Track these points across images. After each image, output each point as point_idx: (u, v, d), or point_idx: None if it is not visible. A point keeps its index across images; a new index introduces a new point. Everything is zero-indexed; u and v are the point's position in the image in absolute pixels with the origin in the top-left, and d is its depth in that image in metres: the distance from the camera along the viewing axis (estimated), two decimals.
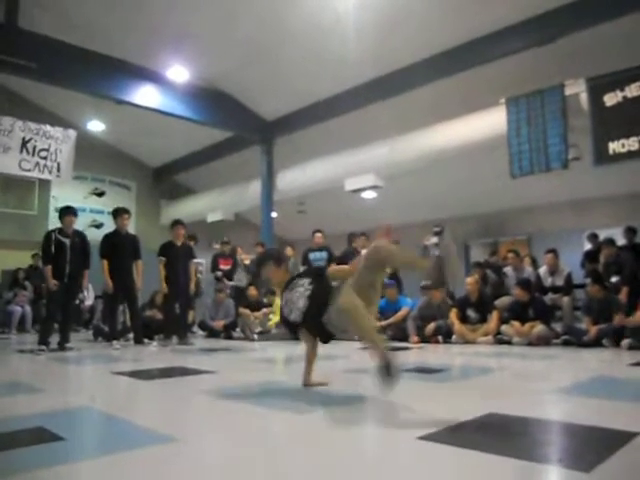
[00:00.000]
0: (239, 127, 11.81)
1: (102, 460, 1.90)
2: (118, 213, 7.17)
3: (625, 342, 5.55)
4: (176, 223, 7.68)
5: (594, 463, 1.71)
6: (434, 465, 1.81)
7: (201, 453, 1.95)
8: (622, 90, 6.98)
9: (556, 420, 2.49)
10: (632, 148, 6.79)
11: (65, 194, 12.74)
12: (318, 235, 8.80)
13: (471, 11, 7.78)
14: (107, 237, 7.05)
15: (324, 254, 8.69)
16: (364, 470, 1.78)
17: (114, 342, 6.70)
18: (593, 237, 8.61)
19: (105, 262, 6.81)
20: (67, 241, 6.39)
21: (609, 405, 2.78)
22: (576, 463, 1.76)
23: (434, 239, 9.65)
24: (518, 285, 6.76)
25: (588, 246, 8.80)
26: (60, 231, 6.47)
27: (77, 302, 9.56)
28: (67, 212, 6.59)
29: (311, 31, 8.64)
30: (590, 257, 7.96)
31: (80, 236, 6.64)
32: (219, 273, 9.58)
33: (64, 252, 6.33)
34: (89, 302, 10.87)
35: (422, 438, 2.04)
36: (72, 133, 9.43)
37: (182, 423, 2.47)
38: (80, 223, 13.39)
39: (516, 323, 6.44)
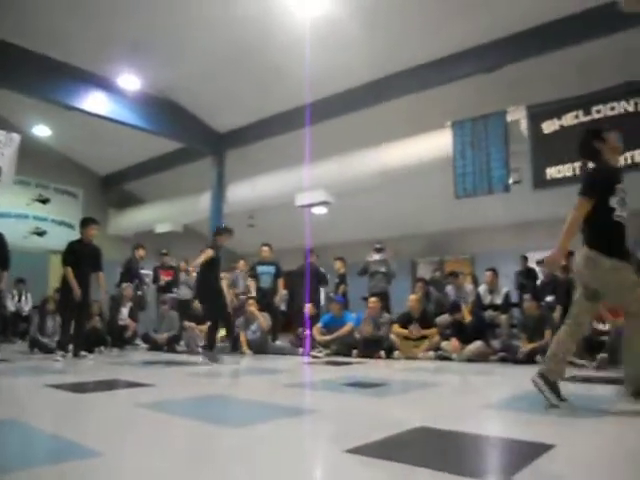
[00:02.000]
0: (191, 139, 11.72)
1: (24, 474, 1.85)
2: (86, 223, 7.04)
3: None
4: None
5: (510, 474, 1.80)
6: (356, 478, 1.85)
7: (123, 467, 1.93)
8: (559, 119, 7.35)
9: (482, 434, 2.59)
10: (567, 174, 7.15)
11: (6, 200, 12.27)
12: (265, 249, 8.85)
13: (418, 38, 8.06)
14: (71, 245, 6.86)
15: (272, 268, 8.72)
16: None
17: (58, 352, 6.42)
18: (523, 259, 9.05)
19: (69, 269, 6.60)
20: None
21: (532, 419, 2.91)
22: (492, 475, 1.85)
23: (376, 256, 9.94)
24: (448, 310, 7.07)
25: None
26: None
27: (11, 310, 9.24)
28: None
29: (267, 47, 8.70)
30: (523, 276, 8.32)
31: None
32: (161, 283, 9.50)
33: None
34: (25, 311, 10.47)
35: (350, 451, 2.09)
36: (16, 137, 9.17)
37: (111, 437, 2.43)
38: (22, 230, 13.03)
39: (454, 340, 6.62)
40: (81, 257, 6.73)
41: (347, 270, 9.34)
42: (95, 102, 10.07)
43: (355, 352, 7.14)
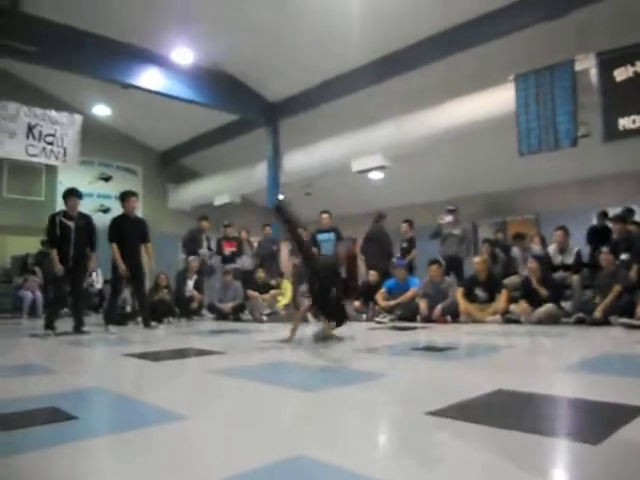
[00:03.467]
0: (244, 109, 11.75)
1: (114, 437, 1.93)
2: (126, 196, 7.08)
3: None
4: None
5: (602, 436, 1.72)
6: (442, 439, 1.82)
7: (210, 431, 1.98)
8: (633, 65, 6.85)
9: (564, 396, 2.49)
10: None
11: (72, 179, 12.70)
12: (324, 216, 8.79)
13: None
14: (115, 220, 6.95)
15: (332, 235, 8.69)
16: (377, 445, 1.80)
17: (110, 327, 6.55)
18: (602, 215, 8.54)
19: (114, 245, 6.72)
20: (72, 224, 6.32)
21: (617, 381, 2.78)
22: (584, 436, 1.77)
23: (448, 218, 9.66)
24: (533, 258, 6.71)
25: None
26: (64, 214, 6.41)
27: (85, 286, 9.62)
28: (71, 194, 6.51)
29: (316, 11, 8.53)
30: (598, 232, 7.91)
31: (85, 219, 6.57)
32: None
33: (69, 235, 6.26)
34: (98, 286, 10.95)
35: (431, 414, 2.06)
36: (78, 118, 9.43)
37: (192, 402, 2.49)
38: (87, 208, 13.39)
39: (523, 302, 6.42)
40: (126, 231, 6.79)
41: (414, 234, 9.12)
42: (150, 78, 10.23)
43: (419, 317, 7.08)
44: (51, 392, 2.69)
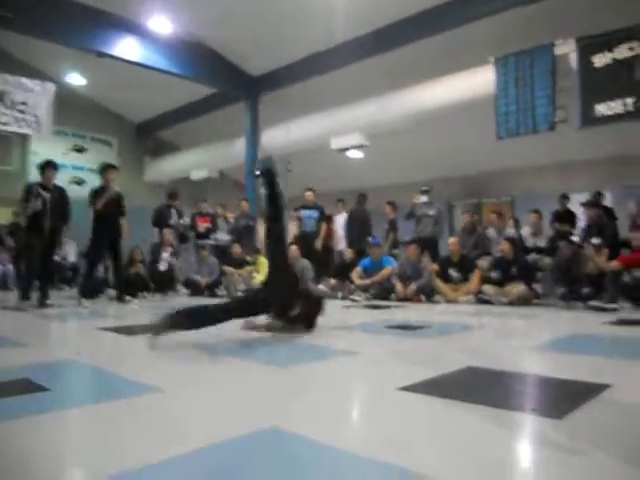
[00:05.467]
0: (223, 83, 11.57)
1: (87, 409, 1.93)
2: (105, 169, 7.03)
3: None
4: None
5: (566, 411, 1.78)
6: (413, 413, 1.87)
7: (184, 402, 1.99)
8: (611, 51, 6.92)
9: (531, 373, 2.57)
10: (618, 110, 6.79)
11: (45, 149, 12.44)
12: (309, 193, 8.83)
13: None
14: (95, 192, 6.88)
15: (315, 212, 8.71)
16: (347, 418, 1.84)
17: (83, 300, 6.50)
18: (563, 198, 8.58)
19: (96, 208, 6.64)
20: (47, 195, 6.28)
21: (582, 360, 2.87)
22: (549, 411, 1.83)
23: (423, 198, 9.64)
24: (506, 240, 6.81)
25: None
26: (41, 185, 6.36)
27: (58, 259, 9.47)
28: (48, 166, 6.48)
29: None
30: (558, 217, 8.03)
31: (60, 191, 6.54)
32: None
33: (44, 206, 6.22)
34: (71, 259, 10.79)
35: (403, 389, 2.11)
36: (51, 86, 9.18)
37: (166, 375, 2.50)
38: (61, 180, 13.09)
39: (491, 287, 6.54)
40: (106, 203, 6.73)
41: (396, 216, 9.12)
42: (127, 48, 9.98)
43: (393, 296, 7.17)
44: (23, 364, 2.68)
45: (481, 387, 2.24)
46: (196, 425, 1.73)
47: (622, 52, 6.77)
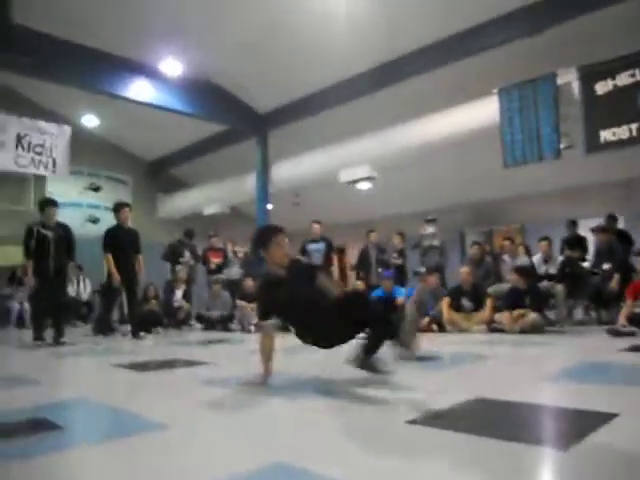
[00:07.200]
0: (233, 120, 11.83)
1: (97, 447, 1.96)
2: (119, 207, 7.15)
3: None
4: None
5: (571, 442, 1.78)
6: (421, 447, 1.87)
7: (191, 439, 2.02)
8: (613, 78, 7.01)
9: (541, 404, 2.56)
10: (622, 136, 6.84)
11: (61, 189, 12.73)
12: (316, 226, 8.74)
13: (462, 1, 7.81)
14: (110, 231, 7.00)
15: (322, 245, 8.72)
16: (354, 452, 1.85)
17: (99, 336, 6.58)
18: (571, 224, 8.57)
19: (109, 256, 6.74)
20: (50, 234, 6.32)
21: (594, 389, 2.85)
22: (554, 442, 1.83)
23: (430, 228, 9.61)
24: (515, 271, 6.77)
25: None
26: (42, 224, 6.41)
27: (73, 294, 9.59)
28: (48, 204, 6.54)
29: (303, 23, 8.65)
30: (568, 244, 8.00)
31: (63, 228, 6.59)
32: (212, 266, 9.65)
33: (47, 245, 6.26)
34: (85, 296, 10.92)
35: (411, 422, 2.11)
36: (67, 129, 9.45)
37: (176, 412, 2.53)
38: (77, 218, 13.48)
39: (506, 314, 6.48)
40: (121, 241, 6.84)
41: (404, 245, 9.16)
42: (139, 90, 10.29)
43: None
44: (36, 403, 2.72)
45: (489, 419, 2.25)
46: (201, 462, 1.76)
47: (623, 79, 6.86)
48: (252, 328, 8.11)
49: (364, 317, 2.95)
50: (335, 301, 3.08)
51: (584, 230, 8.88)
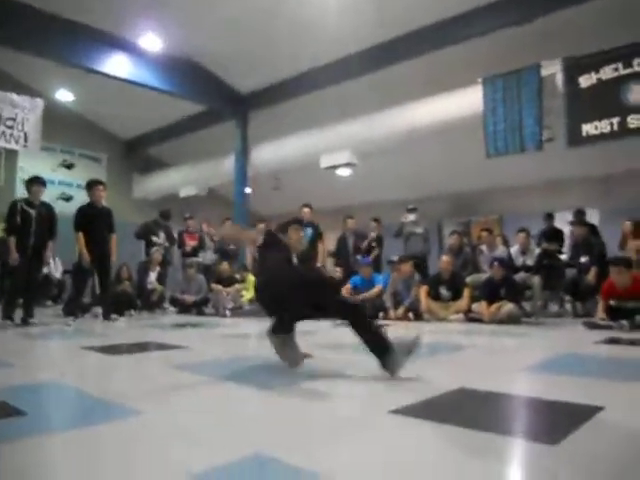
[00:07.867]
0: (213, 100, 11.59)
1: (62, 435, 1.85)
2: (92, 185, 6.91)
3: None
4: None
5: (560, 436, 1.73)
6: (404, 437, 1.81)
7: (164, 425, 1.93)
8: (597, 72, 7.02)
9: (524, 395, 2.52)
10: (604, 130, 6.87)
11: (33, 165, 12.35)
12: (306, 210, 8.57)
13: None
14: (81, 209, 6.79)
15: (309, 230, 8.59)
16: (336, 442, 1.78)
17: (68, 319, 6.38)
18: (548, 217, 8.60)
19: (80, 235, 6.55)
20: (33, 212, 6.19)
21: (574, 381, 2.83)
22: (543, 436, 1.78)
23: (411, 216, 9.61)
24: (495, 262, 6.76)
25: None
26: (26, 201, 6.26)
27: (43, 275, 9.33)
28: (35, 182, 6.38)
29: (289, 4, 8.46)
30: (546, 236, 8.05)
31: (47, 207, 6.44)
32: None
33: (29, 223, 6.13)
34: (57, 275, 10.65)
35: (393, 412, 2.05)
36: (39, 102, 9.10)
37: (149, 397, 2.43)
38: (49, 196, 13.02)
39: (484, 304, 6.49)
40: (93, 220, 6.65)
41: (381, 232, 9.11)
42: (117, 65, 9.98)
43: (381, 314, 7.11)
44: (3, 386, 2.59)
45: (473, 410, 2.20)
46: (175, 450, 1.67)
47: (607, 73, 6.87)
48: (227, 313, 8.01)
49: (325, 304, 3.10)
50: (308, 276, 3.45)
51: (561, 222, 8.96)
